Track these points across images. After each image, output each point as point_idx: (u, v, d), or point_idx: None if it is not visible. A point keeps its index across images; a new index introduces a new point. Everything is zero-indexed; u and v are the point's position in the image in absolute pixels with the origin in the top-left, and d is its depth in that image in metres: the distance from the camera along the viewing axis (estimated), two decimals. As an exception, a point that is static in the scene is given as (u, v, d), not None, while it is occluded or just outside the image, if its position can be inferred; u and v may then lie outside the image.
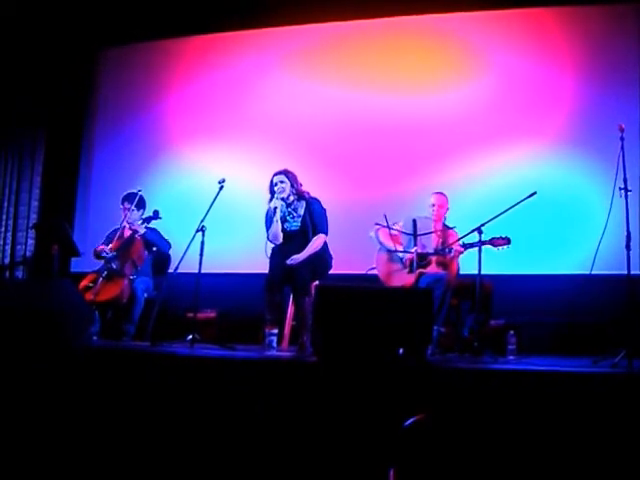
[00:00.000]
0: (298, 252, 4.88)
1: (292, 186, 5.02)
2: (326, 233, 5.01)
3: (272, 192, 5.06)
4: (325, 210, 5.07)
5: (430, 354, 4.20)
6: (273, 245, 5.03)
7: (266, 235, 5.05)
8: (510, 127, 6.07)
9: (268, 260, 4.99)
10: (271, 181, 5.07)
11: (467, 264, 4.94)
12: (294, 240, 4.98)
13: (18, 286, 5.45)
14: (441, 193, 5.24)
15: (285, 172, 5.04)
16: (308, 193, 5.08)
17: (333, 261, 5.07)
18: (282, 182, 5.01)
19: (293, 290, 4.97)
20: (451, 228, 5.12)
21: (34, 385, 3.91)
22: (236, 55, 6.85)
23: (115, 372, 3.99)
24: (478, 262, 4.55)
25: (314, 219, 5.00)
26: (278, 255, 4.97)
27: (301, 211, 5.03)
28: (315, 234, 4.96)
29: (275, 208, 4.96)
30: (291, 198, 5.03)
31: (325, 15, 6.55)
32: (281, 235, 4.97)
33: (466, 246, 4.82)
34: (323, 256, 4.99)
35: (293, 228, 5.02)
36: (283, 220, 5.03)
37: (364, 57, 6.50)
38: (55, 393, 3.90)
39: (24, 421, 3.79)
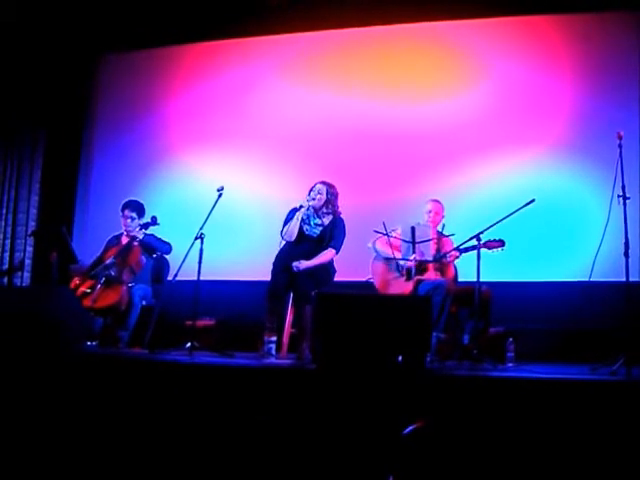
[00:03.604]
0: (305, 257, 4.92)
1: (327, 200, 5.08)
2: (337, 251, 5.06)
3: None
4: (345, 233, 5.12)
5: (429, 361, 4.19)
6: (283, 243, 5.06)
7: (280, 231, 5.08)
8: (509, 134, 6.08)
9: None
10: (313, 186, 5.13)
11: (466, 271, 4.94)
12: (306, 245, 5.01)
13: (16, 293, 5.44)
14: (437, 200, 5.25)
15: (329, 186, 5.12)
16: (340, 213, 5.15)
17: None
18: (320, 193, 5.08)
19: (294, 297, 5.00)
20: (447, 236, 5.11)
21: (32, 391, 3.90)
22: (236, 62, 6.85)
23: (113, 379, 3.98)
24: (477, 269, 4.55)
25: (334, 233, 5.06)
26: (283, 260, 5.00)
27: (326, 221, 5.08)
28: (327, 247, 5.01)
29: (301, 206, 5.01)
30: (322, 209, 5.08)
31: (324, 23, 6.57)
32: (296, 233, 4.99)
33: (461, 250, 4.83)
34: (327, 268, 5.04)
35: (312, 234, 5.06)
36: (305, 222, 5.07)
37: (363, 65, 6.51)
38: (53, 399, 3.89)
39: (21, 427, 3.79)
